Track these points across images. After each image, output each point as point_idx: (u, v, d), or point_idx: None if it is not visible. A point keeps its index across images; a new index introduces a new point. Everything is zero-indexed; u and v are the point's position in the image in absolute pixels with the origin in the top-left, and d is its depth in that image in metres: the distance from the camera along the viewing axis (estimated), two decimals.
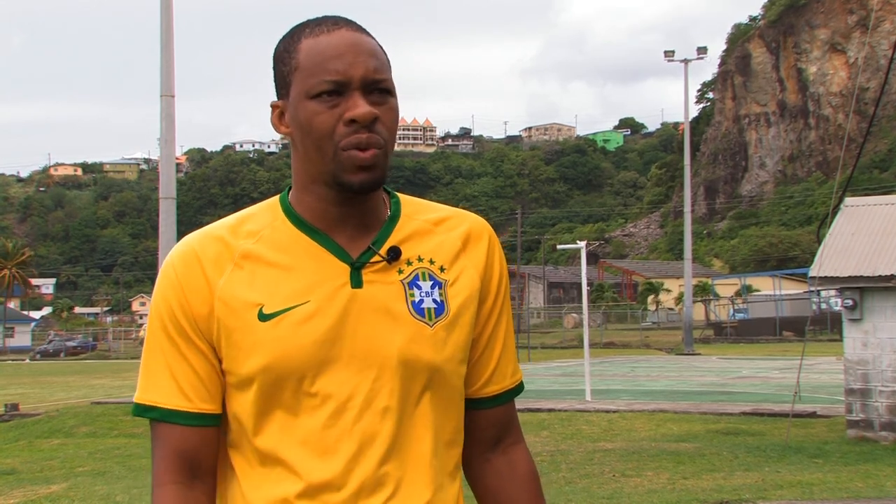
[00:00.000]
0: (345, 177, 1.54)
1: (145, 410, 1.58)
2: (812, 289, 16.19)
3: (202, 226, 1.67)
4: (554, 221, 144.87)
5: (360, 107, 1.52)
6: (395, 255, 1.60)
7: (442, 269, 1.63)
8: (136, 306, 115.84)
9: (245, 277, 1.57)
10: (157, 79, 15.39)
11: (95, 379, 33.71)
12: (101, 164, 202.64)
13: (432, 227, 1.66)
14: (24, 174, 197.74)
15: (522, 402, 17.72)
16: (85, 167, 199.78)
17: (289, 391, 1.54)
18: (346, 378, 1.54)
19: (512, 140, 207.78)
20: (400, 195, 1.69)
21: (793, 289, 58.63)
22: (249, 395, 1.55)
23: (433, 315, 1.59)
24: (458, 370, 1.62)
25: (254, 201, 1.79)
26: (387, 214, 1.64)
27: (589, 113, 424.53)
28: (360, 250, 1.59)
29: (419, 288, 1.60)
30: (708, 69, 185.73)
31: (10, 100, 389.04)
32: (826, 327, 45.81)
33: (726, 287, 69.40)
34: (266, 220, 1.62)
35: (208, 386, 1.57)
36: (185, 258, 1.59)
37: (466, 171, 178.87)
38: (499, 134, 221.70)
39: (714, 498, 8.82)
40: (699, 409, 16.86)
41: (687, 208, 43.31)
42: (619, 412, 16.59)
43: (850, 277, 12.30)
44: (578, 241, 24.12)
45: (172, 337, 1.57)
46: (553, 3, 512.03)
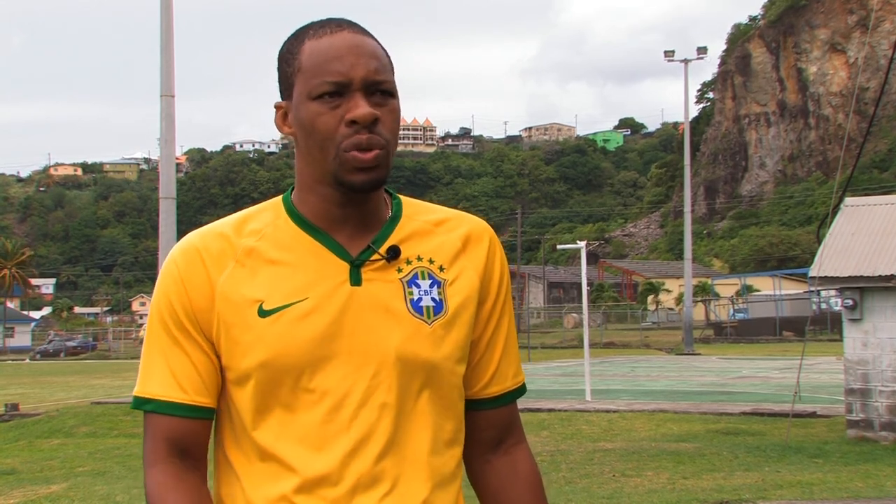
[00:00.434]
0: (346, 177, 1.55)
1: (142, 403, 1.60)
2: (812, 289, 16.20)
3: (202, 226, 1.68)
4: (554, 221, 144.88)
5: (361, 108, 1.53)
6: (394, 253, 1.61)
7: (441, 269, 1.64)
8: (136, 306, 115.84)
9: (246, 274, 1.59)
10: (157, 79, 15.40)
11: (95, 379, 33.71)
12: (101, 164, 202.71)
13: (433, 228, 1.68)
14: (24, 174, 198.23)
15: (522, 402, 17.54)
16: (85, 167, 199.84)
17: (287, 387, 1.55)
18: (345, 374, 1.55)
19: (512, 140, 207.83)
20: (402, 197, 1.70)
21: (793, 289, 58.62)
22: (248, 390, 1.57)
23: (432, 313, 1.61)
24: (455, 369, 1.63)
25: (254, 201, 1.80)
26: (388, 215, 1.66)
27: (589, 113, 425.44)
28: (359, 249, 1.61)
29: (418, 286, 1.61)
30: (708, 69, 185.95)
31: (10, 100, 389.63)
32: (826, 327, 45.81)
33: (726, 287, 69.38)
34: (268, 219, 1.64)
35: (205, 379, 1.59)
36: (187, 254, 1.61)
37: (466, 171, 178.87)
38: (499, 134, 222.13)
39: (714, 498, 8.82)
40: (699, 409, 16.86)
41: (687, 208, 43.31)
42: (619, 412, 16.59)
43: (850, 277, 12.30)
44: (578, 241, 24.11)
45: (171, 331, 1.59)
46: (553, 3, 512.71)
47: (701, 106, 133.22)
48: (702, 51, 44.04)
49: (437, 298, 1.62)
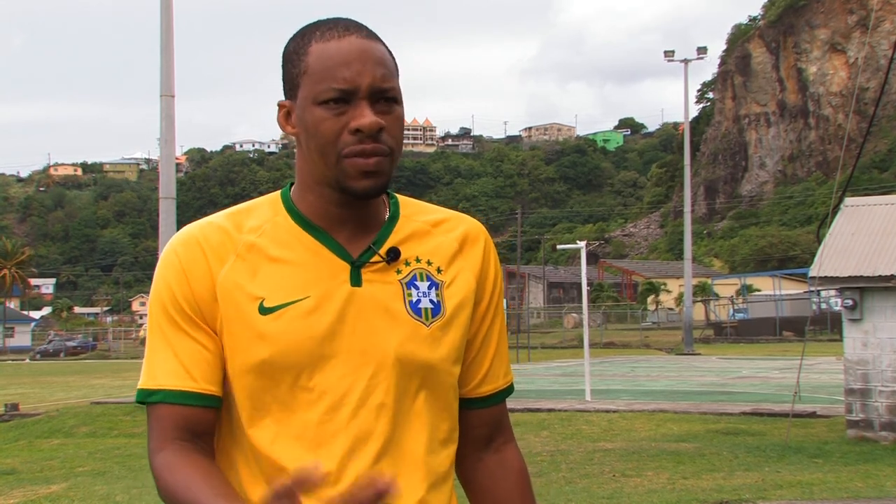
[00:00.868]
0: (348, 183, 1.55)
1: (149, 394, 1.56)
2: (812, 289, 16.19)
3: (202, 218, 1.67)
4: (554, 221, 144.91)
5: (366, 117, 1.52)
6: (394, 255, 1.62)
7: (439, 270, 1.65)
8: (136, 306, 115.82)
9: (247, 270, 1.58)
10: (157, 79, 15.41)
11: (95, 379, 33.71)
12: (101, 164, 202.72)
13: (430, 229, 1.68)
14: (24, 174, 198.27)
15: (522, 402, 17.72)
16: (85, 167, 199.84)
17: (286, 385, 1.55)
18: (343, 374, 1.56)
19: (512, 140, 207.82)
20: (399, 196, 1.71)
21: (793, 289, 58.60)
22: (246, 387, 1.56)
23: (430, 315, 1.61)
24: (452, 370, 1.65)
25: None
26: (386, 215, 1.66)
27: (589, 113, 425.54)
28: (359, 249, 1.61)
29: (417, 288, 1.62)
30: (708, 69, 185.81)
31: (10, 100, 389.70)
32: (826, 327, 45.80)
33: (726, 287, 69.34)
34: (267, 215, 1.63)
35: (213, 367, 1.57)
36: (187, 243, 1.60)
37: (466, 171, 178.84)
38: (499, 134, 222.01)
39: (714, 498, 8.82)
40: (699, 409, 16.85)
41: (687, 208, 43.31)
42: (619, 412, 16.58)
43: (850, 277, 12.30)
44: (578, 241, 24.11)
45: (175, 320, 1.57)
46: (552, 3, 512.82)
47: (701, 106, 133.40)
48: (702, 51, 44.03)
49: (435, 300, 1.62)
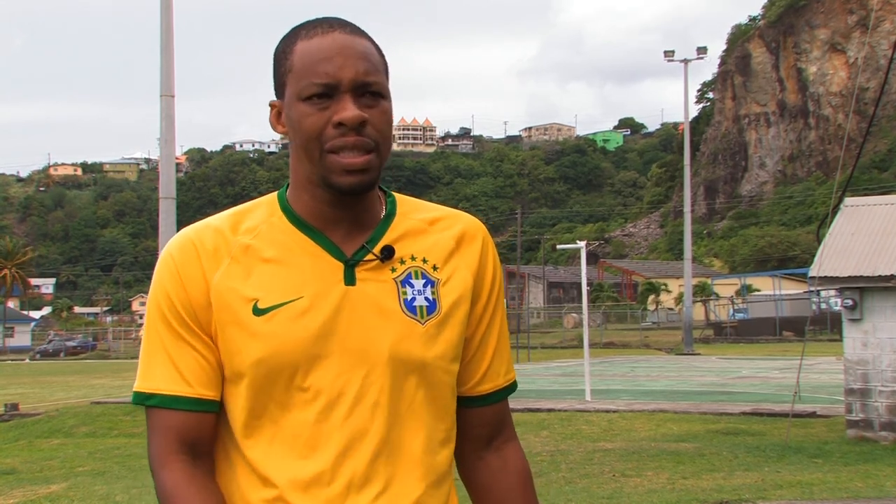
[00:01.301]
0: (333, 179, 1.56)
1: (146, 398, 1.59)
2: (812, 289, 16.17)
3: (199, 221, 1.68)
4: (554, 221, 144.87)
5: (348, 110, 1.54)
6: (388, 253, 1.62)
7: (435, 268, 1.65)
8: (135, 306, 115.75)
9: (241, 272, 1.59)
10: (157, 79, 15.40)
11: (95, 379, 33.71)
12: (101, 164, 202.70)
13: (427, 227, 1.68)
14: (24, 174, 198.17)
15: (522, 402, 17.72)
16: (85, 167, 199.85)
17: (281, 385, 1.56)
18: (338, 374, 1.56)
19: (512, 140, 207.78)
20: (396, 195, 1.71)
21: (793, 289, 58.59)
22: (242, 388, 1.57)
23: (425, 313, 1.61)
24: (449, 368, 1.64)
25: None
26: (382, 213, 1.66)
27: (589, 113, 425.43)
28: (354, 248, 1.61)
29: (412, 286, 1.62)
30: (708, 69, 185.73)
31: (10, 100, 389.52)
32: (826, 327, 45.79)
33: (726, 287, 69.35)
34: (263, 217, 1.64)
35: (208, 372, 1.59)
36: (183, 248, 1.61)
37: (466, 171, 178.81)
38: (499, 134, 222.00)
39: (714, 498, 8.82)
40: (699, 409, 16.85)
41: (687, 208, 43.31)
42: (619, 412, 16.58)
43: (849, 277, 12.30)
44: (578, 241, 24.10)
45: (171, 324, 1.59)
46: (552, 3, 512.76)
47: (701, 106, 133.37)
48: (702, 51, 44.02)
49: (430, 298, 1.62)
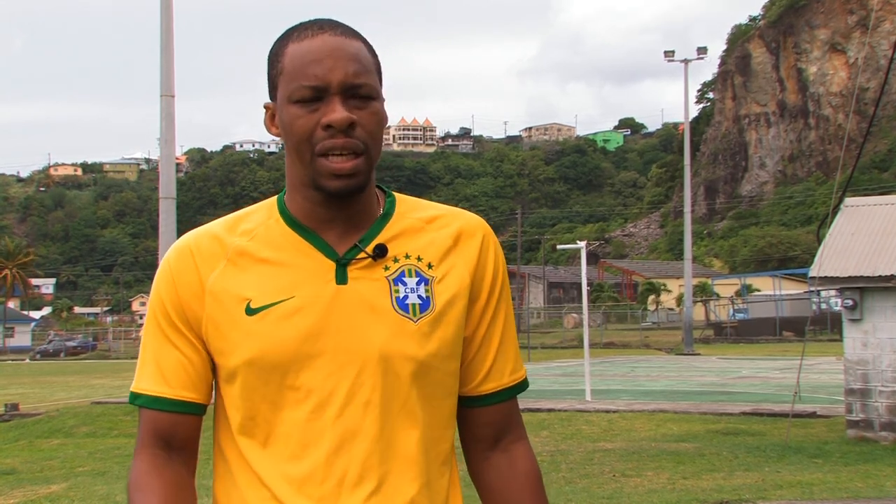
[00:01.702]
0: (322, 182, 1.57)
1: (135, 398, 1.66)
2: (812, 289, 16.19)
3: (201, 226, 1.71)
4: (554, 221, 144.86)
5: (337, 112, 1.54)
6: (380, 252, 1.62)
7: (430, 266, 1.64)
8: (136, 306, 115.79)
9: (236, 273, 1.61)
10: (157, 79, 15.41)
11: (95, 379, 33.72)
12: (101, 164, 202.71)
13: (424, 225, 1.68)
14: (24, 174, 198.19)
15: (522, 402, 17.47)
16: (85, 167, 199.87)
17: (273, 385, 1.57)
18: (329, 373, 1.57)
19: (512, 140, 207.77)
20: (397, 195, 1.71)
21: (793, 289, 58.59)
22: (236, 388, 1.60)
23: (418, 310, 1.61)
24: (444, 366, 1.63)
25: (254, 201, 1.82)
26: (379, 213, 1.66)
27: (589, 113, 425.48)
28: (347, 248, 1.62)
29: (404, 284, 1.62)
30: (708, 69, 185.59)
31: (10, 100, 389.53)
32: (826, 327, 45.80)
33: (726, 287, 69.36)
34: (261, 219, 1.66)
35: (191, 375, 1.63)
36: (180, 253, 1.65)
37: (466, 171, 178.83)
38: (499, 134, 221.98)
39: (714, 498, 8.82)
40: (699, 409, 16.85)
41: (687, 208, 43.31)
42: (619, 412, 16.59)
43: (850, 277, 12.30)
44: (578, 241, 24.11)
45: (162, 327, 1.64)
46: (552, 3, 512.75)
47: (701, 106, 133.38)
48: (702, 51, 44.03)
49: (423, 296, 1.62)
